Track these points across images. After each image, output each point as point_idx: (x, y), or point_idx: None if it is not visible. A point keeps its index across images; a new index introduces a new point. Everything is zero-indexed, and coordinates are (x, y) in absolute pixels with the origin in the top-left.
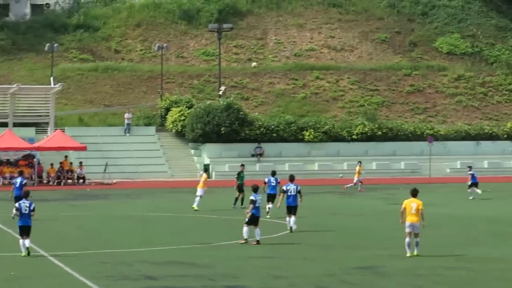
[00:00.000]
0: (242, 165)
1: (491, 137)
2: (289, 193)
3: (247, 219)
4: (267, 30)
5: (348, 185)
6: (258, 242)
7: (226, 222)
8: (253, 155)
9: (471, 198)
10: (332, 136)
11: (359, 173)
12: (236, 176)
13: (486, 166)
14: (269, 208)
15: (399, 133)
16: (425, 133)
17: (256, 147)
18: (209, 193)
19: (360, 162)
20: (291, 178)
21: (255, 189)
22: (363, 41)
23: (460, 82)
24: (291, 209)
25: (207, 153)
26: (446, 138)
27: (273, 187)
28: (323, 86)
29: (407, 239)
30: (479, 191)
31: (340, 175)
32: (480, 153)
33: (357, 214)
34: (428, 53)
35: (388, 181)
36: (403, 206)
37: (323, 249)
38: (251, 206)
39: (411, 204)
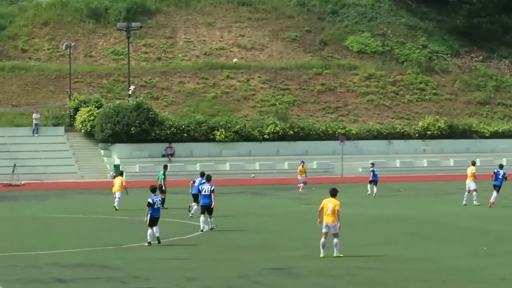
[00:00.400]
0: (165, 166)
1: (403, 136)
2: (203, 193)
3: (147, 222)
4: (177, 29)
5: (300, 186)
6: (158, 240)
7: (137, 223)
8: (163, 155)
9: (368, 193)
10: (243, 136)
11: (303, 172)
12: (162, 176)
13: (398, 165)
14: (192, 207)
15: (311, 132)
16: (336, 132)
17: (167, 147)
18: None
19: (303, 161)
20: (208, 178)
21: (153, 190)
22: (274, 39)
23: (371, 81)
24: (205, 209)
25: (117, 153)
26: (358, 137)
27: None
28: (233, 85)
29: (322, 239)
30: (375, 190)
31: (252, 175)
32: (392, 152)
33: (270, 214)
34: (339, 52)
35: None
36: (320, 205)
37: (235, 250)
38: (147, 208)
39: (328, 204)
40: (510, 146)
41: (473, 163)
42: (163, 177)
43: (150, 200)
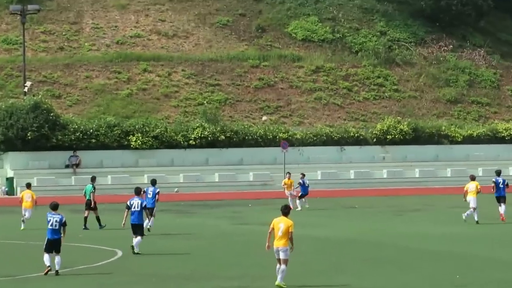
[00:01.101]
0: (93, 177)
1: (358, 141)
2: (133, 209)
3: (44, 245)
4: (82, 13)
5: (297, 202)
6: (57, 272)
7: (36, 248)
8: (67, 166)
9: (298, 209)
10: (164, 142)
11: (289, 186)
12: (91, 190)
13: (352, 176)
14: (149, 225)
15: (247, 137)
16: (277, 137)
17: (71, 156)
18: (13, 212)
19: (289, 173)
20: (137, 191)
21: (53, 207)
22: (200, 25)
23: (319, 75)
24: (135, 229)
25: (10, 163)
26: (304, 143)
27: (149, 200)
28: (152, 80)
29: (278, 266)
30: (299, 208)
31: (176, 190)
32: (345, 161)
33: (198, 236)
34: (280, 40)
35: (234, 196)
36: (270, 226)
37: (158, 280)
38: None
39: (279, 224)
40: (486, 152)
41: (473, 178)
42: (92, 190)
43: (47, 218)
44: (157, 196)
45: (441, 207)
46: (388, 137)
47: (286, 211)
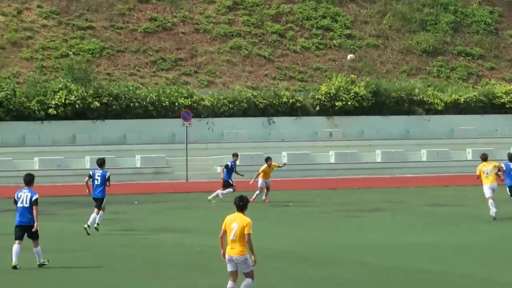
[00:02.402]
0: None
1: (294, 110)
2: (19, 204)
3: None
4: None
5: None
6: None
7: None
8: None
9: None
10: (11, 111)
11: (269, 174)
12: None
13: (285, 160)
14: (96, 221)
15: (132, 104)
16: (177, 104)
17: None
18: None
19: (269, 158)
20: (28, 181)
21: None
22: None
23: (236, 14)
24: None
25: None
26: (215, 112)
27: (97, 188)
28: None
29: (229, 284)
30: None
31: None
32: (274, 139)
33: (57, 249)
34: None
35: (113, 189)
36: (222, 227)
37: None
38: None
39: (232, 224)
40: (479, 126)
41: (485, 158)
42: None
43: None
44: (107, 182)
45: (412, 204)
46: (337, 104)
47: (241, 204)
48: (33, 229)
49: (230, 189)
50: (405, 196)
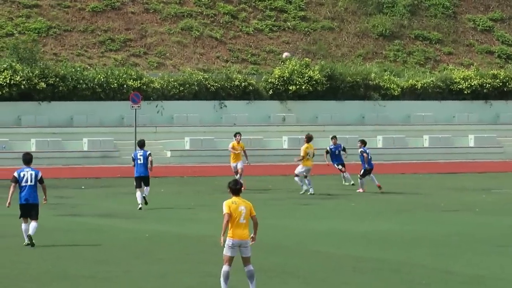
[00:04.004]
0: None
1: (246, 94)
2: (23, 183)
3: None
4: None
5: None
6: None
7: None
8: None
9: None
10: None
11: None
12: None
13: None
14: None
15: (79, 85)
16: (126, 85)
17: None
18: None
19: (239, 134)
20: (28, 160)
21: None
22: None
23: None
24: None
25: None
26: (165, 95)
27: (140, 167)
28: None
29: (224, 268)
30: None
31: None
32: (226, 123)
33: None
34: None
35: (58, 173)
36: (226, 211)
37: None
38: None
39: (239, 207)
40: (436, 112)
41: (310, 139)
42: None
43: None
44: (150, 162)
45: (367, 192)
46: (290, 88)
47: (238, 187)
48: (44, 202)
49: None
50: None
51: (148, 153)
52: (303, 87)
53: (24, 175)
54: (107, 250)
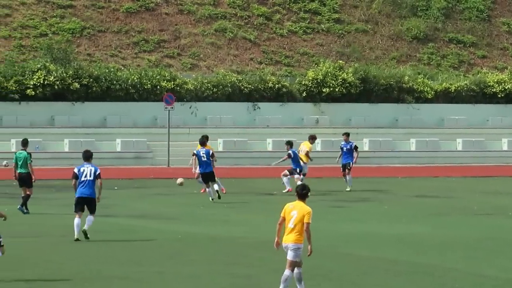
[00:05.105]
0: (26, 141)
1: (279, 96)
2: (83, 178)
3: None
4: None
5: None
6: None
7: None
8: None
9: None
10: None
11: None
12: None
13: (270, 147)
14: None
15: (113, 86)
16: (159, 87)
17: None
18: None
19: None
20: (88, 157)
21: None
22: None
23: None
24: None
25: None
26: (198, 96)
27: (204, 163)
28: None
29: (286, 272)
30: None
31: (4, 163)
32: (259, 124)
33: (37, 233)
34: None
35: None
36: (281, 214)
37: None
38: None
39: (292, 212)
40: (469, 116)
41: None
42: (30, 161)
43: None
44: (212, 158)
45: (400, 195)
46: (324, 90)
47: (304, 192)
48: (97, 201)
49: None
50: (393, 186)
51: (210, 151)
52: (337, 90)
53: (83, 170)
54: (140, 251)
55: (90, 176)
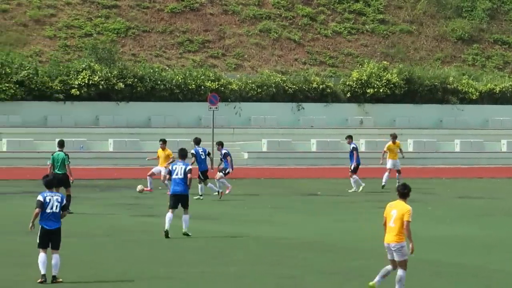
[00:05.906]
0: (62, 142)
1: (324, 96)
2: (174, 176)
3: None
4: None
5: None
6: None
7: None
8: None
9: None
10: (33, 91)
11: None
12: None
13: (314, 148)
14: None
15: (157, 86)
16: (203, 87)
17: None
18: None
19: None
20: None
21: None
22: None
23: None
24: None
25: None
26: (243, 97)
27: (202, 162)
28: None
29: (386, 269)
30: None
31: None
32: (303, 125)
33: (81, 233)
34: None
35: (133, 174)
36: (384, 214)
37: None
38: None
39: (392, 211)
40: None
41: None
42: (68, 161)
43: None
44: (209, 156)
45: (444, 196)
46: (368, 91)
47: (405, 191)
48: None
49: None
50: (437, 187)
51: (207, 150)
52: (381, 90)
53: (175, 168)
54: (183, 251)
55: (180, 174)
